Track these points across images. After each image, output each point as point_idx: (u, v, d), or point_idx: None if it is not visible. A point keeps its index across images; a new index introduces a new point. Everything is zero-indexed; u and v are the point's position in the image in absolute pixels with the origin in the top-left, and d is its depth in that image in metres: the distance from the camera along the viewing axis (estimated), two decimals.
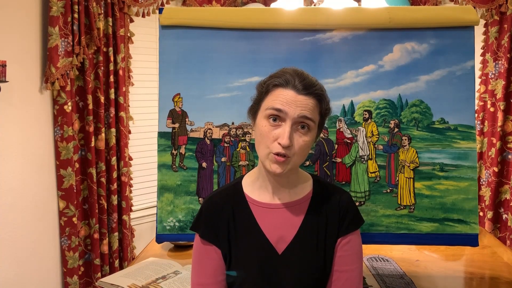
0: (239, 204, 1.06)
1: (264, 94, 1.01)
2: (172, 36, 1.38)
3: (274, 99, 0.97)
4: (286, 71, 1.00)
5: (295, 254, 1.02)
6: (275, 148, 0.96)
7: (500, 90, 2.65)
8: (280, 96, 0.97)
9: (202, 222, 1.06)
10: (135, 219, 2.89)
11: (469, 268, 1.66)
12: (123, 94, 2.62)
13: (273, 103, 0.97)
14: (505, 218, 2.70)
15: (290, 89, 0.97)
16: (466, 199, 1.35)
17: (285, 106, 0.95)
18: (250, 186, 1.08)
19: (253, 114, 1.05)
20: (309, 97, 0.97)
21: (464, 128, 1.36)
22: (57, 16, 2.26)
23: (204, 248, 1.05)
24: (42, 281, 2.42)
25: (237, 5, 2.98)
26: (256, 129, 1.02)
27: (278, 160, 0.96)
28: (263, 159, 0.99)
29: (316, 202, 1.06)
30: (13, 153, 2.24)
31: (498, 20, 2.63)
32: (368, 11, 1.37)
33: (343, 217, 1.05)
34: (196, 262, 1.06)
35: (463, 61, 1.36)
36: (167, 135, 1.39)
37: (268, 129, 0.97)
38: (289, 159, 0.97)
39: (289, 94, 0.96)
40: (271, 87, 0.99)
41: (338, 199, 1.07)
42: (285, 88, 0.97)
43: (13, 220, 2.27)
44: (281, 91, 0.97)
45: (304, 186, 1.08)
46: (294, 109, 0.95)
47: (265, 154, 0.98)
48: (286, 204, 1.05)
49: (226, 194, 1.08)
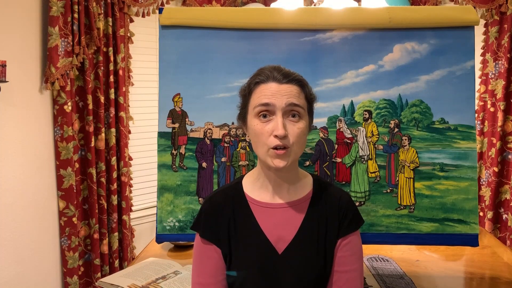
0: (240, 204, 1.06)
1: (248, 96, 1.03)
2: (172, 36, 1.38)
3: (259, 95, 0.99)
4: (263, 68, 1.03)
5: (295, 254, 1.02)
6: (272, 142, 0.96)
7: (500, 90, 2.65)
8: (264, 91, 0.99)
9: (203, 221, 1.06)
10: (135, 219, 2.89)
11: (469, 268, 1.66)
12: (123, 94, 2.62)
13: (259, 99, 0.98)
14: (505, 218, 2.70)
15: (271, 81, 0.99)
16: (466, 199, 1.35)
17: (271, 99, 0.97)
18: (250, 186, 1.08)
19: (242, 119, 1.06)
20: (291, 84, 0.99)
21: (464, 128, 1.36)
22: (57, 16, 2.26)
23: (204, 247, 1.05)
24: (42, 281, 2.42)
25: (237, 5, 2.98)
26: (249, 131, 1.02)
27: (278, 153, 0.96)
28: (264, 157, 0.99)
29: (316, 202, 1.06)
30: (13, 153, 2.24)
31: (498, 20, 2.63)
32: (368, 11, 1.37)
33: (343, 217, 1.05)
34: (196, 261, 1.07)
35: (463, 61, 1.36)
36: (167, 135, 1.39)
37: (260, 126, 0.98)
38: (289, 150, 0.97)
39: (272, 86, 0.98)
40: (253, 86, 1.01)
41: (338, 199, 1.07)
42: (266, 83, 0.99)
43: (13, 220, 2.27)
44: (264, 87, 0.99)
45: (304, 185, 1.08)
46: (280, 99, 0.97)
47: (264, 152, 0.98)
48: (287, 203, 1.05)
49: (226, 194, 1.08)
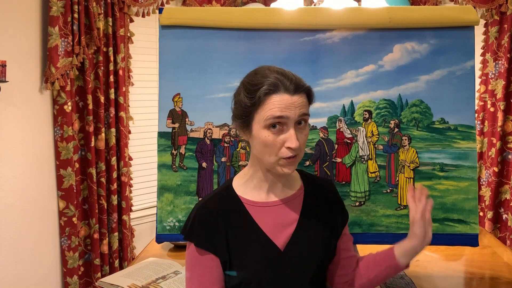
0: (235, 207, 1.04)
1: (257, 105, 0.95)
2: (172, 36, 1.38)
3: (271, 107, 0.93)
4: (268, 74, 0.96)
5: (297, 248, 1.03)
6: (285, 153, 0.96)
7: (500, 90, 2.65)
8: (276, 103, 0.93)
9: (197, 230, 1.02)
10: (135, 219, 2.89)
11: (469, 268, 1.66)
12: (123, 94, 2.62)
13: (272, 112, 0.93)
14: (505, 218, 2.70)
15: (283, 92, 0.93)
16: (466, 199, 1.35)
17: (285, 112, 0.93)
18: (243, 187, 1.06)
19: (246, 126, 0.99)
20: (301, 95, 0.96)
21: (464, 128, 1.36)
22: (57, 16, 2.26)
23: (200, 257, 1.02)
24: (42, 281, 2.42)
25: (237, 5, 2.98)
26: (256, 140, 0.98)
27: (290, 162, 0.97)
28: (272, 166, 0.99)
29: (309, 195, 1.09)
30: (13, 153, 2.24)
31: (498, 20, 2.63)
32: (368, 11, 1.37)
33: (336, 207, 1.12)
34: (191, 272, 1.03)
35: (463, 61, 1.36)
36: (167, 135, 1.39)
37: (272, 138, 0.95)
38: (298, 157, 0.99)
39: (284, 98, 0.93)
40: (263, 97, 0.94)
41: (327, 190, 1.13)
42: (277, 93, 0.93)
43: (13, 220, 2.27)
44: (275, 98, 0.93)
45: (294, 180, 1.10)
46: (293, 111, 0.94)
47: (274, 161, 0.97)
48: (282, 200, 1.05)
49: (220, 199, 1.05)
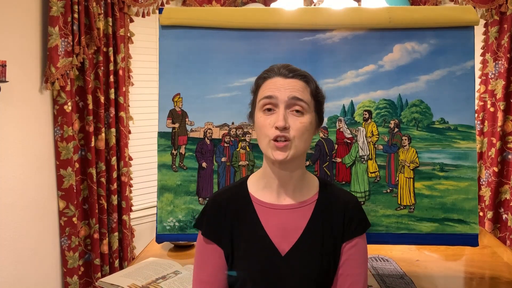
0: (244, 204, 1.06)
1: (256, 92, 1.06)
2: (172, 36, 1.38)
3: (264, 89, 1.02)
4: (273, 66, 1.05)
5: (298, 256, 1.01)
6: (272, 133, 0.97)
7: (500, 90, 2.65)
8: (269, 85, 1.01)
9: (205, 221, 1.07)
10: (135, 219, 2.89)
11: (469, 268, 1.66)
12: (123, 94, 2.62)
13: (264, 93, 1.01)
14: (505, 218, 2.70)
15: (277, 76, 1.02)
16: (466, 199, 1.35)
17: (275, 92, 0.99)
18: (255, 185, 1.08)
19: (251, 115, 1.08)
20: (296, 79, 1.01)
21: (464, 128, 1.36)
22: (57, 16, 2.26)
23: (206, 246, 1.06)
24: (42, 281, 2.42)
25: (237, 5, 2.98)
26: (255, 124, 1.04)
27: (278, 146, 0.97)
28: (265, 150, 1.00)
29: (322, 205, 1.05)
30: (13, 153, 2.24)
31: (498, 20, 2.63)
32: (368, 11, 1.37)
33: (350, 220, 1.04)
34: (198, 258, 1.08)
35: (463, 61, 1.36)
36: (167, 135, 1.39)
37: (263, 119, 1.00)
38: (290, 143, 0.97)
39: (277, 80, 1.01)
40: (260, 82, 1.04)
41: (345, 203, 1.06)
42: (272, 78, 1.02)
43: (13, 220, 2.27)
44: (270, 81, 1.02)
45: (310, 187, 1.08)
46: (283, 92, 0.99)
47: (266, 144, 0.99)
48: (291, 205, 1.04)
49: (231, 194, 1.09)
